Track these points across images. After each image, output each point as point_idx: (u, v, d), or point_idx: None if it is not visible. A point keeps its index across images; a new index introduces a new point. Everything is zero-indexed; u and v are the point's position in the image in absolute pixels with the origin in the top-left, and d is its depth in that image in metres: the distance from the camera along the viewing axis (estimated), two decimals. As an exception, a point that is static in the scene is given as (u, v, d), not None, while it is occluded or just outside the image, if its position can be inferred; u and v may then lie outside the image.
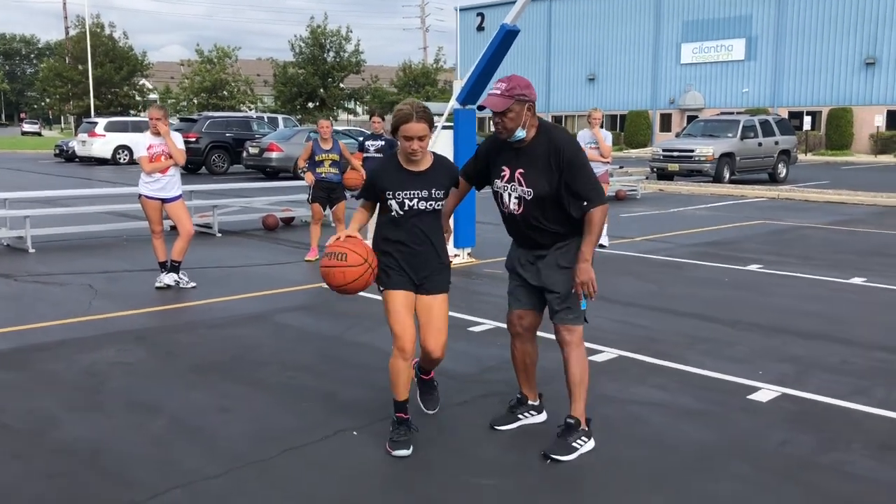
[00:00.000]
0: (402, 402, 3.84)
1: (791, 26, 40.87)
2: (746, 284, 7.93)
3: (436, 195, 3.75)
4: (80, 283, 7.79)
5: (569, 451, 3.79)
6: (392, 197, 3.70)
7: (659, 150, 22.48)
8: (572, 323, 3.85)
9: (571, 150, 3.72)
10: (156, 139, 7.48)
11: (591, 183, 3.73)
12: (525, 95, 3.70)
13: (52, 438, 3.99)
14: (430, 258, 3.79)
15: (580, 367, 3.87)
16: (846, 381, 4.91)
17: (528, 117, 3.73)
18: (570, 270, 3.79)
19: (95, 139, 29.08)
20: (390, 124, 3.71)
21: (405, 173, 3.74)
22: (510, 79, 3.75)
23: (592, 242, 3.73)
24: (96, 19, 55.91)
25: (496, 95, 3.69)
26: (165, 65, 79.58)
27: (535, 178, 3.74)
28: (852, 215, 14.09)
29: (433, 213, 3.78)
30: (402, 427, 3.85)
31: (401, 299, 3.75)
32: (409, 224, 3.73)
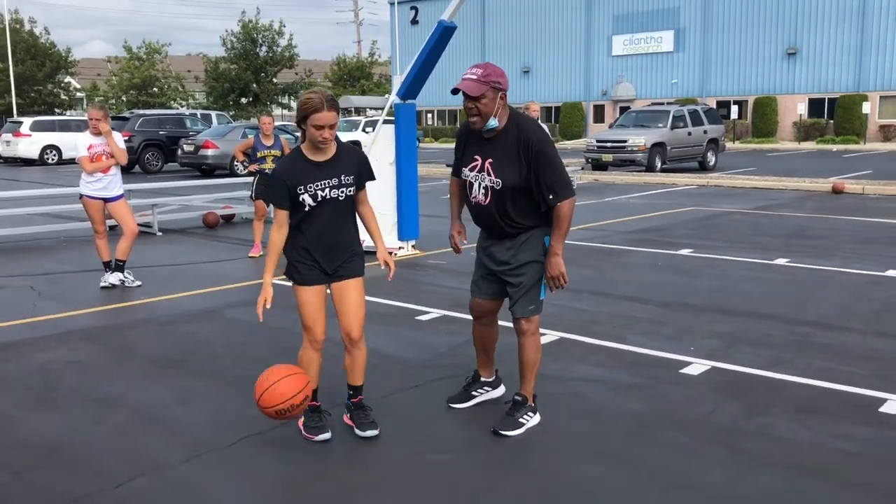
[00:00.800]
0: (314, 390, 3.92)
1: (717, 18, 42.14)
2: (678, 268, 8.32)
3: (345, 181, 3.74)
4: (20, 286, 7.73)
5: (515, 426, 4.02)
6: (304, 191, 3.65)
7: (593, 141, 23.01)
8: (531, 314, 3.98)
9: (540, 141, 3.76)
10: (96, 139, 7.47)
11: (558, 175, 3.77)
12: (499, 83, 3.75)
13: (8, 436, 4.05)
14: (344, 247, 3.82)
15: (534, 352, 4.04)
16: (769, 354, 5.28)
17: (501, 106, 3.77)
18: (532, 264, 3.92)
19: (21, 139, 28.32)
20: (299, 113, 3.64)
21: (312, 165, 3.70)
22: (486, 66, 3.78)
23: (562, 236, 3.80)
24: (15, 15, 54.11)
25: (472, 80, 3.72)
26: (91, 61, 77.33)
27: (503, 168, 3.78)
28: (777, 200, 14.75)
29: (346, 201, 3.77)
30: (315, 414, 3.99)
31: (311, 295, 3.81)
32: (324, 215, 3.72)
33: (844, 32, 38.45)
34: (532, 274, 3.93)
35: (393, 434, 4.03)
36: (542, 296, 4.00)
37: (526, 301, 3.97)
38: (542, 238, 3.90)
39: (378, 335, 5.87)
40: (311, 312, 3.83)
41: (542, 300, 4.03)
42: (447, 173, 19.19)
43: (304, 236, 3.75)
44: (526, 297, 3.96)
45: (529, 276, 3.93)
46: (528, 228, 3.89)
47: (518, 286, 3.96)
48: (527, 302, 3.97)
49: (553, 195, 3.74)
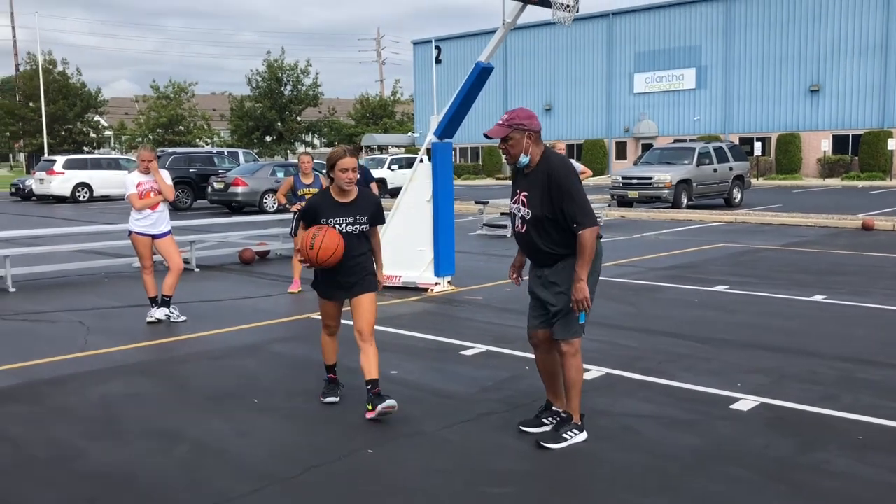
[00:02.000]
0: (331, 365, 5.19)
1: (739, 56, 42.39)
2: (715, 304, 8.36)
3: (360, 220, 4.80)
4: (69, 321, 7.90)
5: (558, 440, 4.30)
6: (326, 222, 4.71)
7: (618, 177, 23.14)
8: (570, 336, 4.28)
9: (561, 174, 4.12)
10: (144, 177, 7.68)
11: (579, 206, 4.10)
12: (524, 125, 4.17)
13: (80, 466, 4.16)
14: (357, 269, 4.83)
15: (574, 373, 4.31)
16: (817, 390, 5.31)
17: (530, 145, 4.20)
18: (563, 289, 4.22)
19: (54, 177, 28.88)
20: (328, 164, 4.76)
21: (336, 204, 4.80)
22: (513, 111, 4.26)
23: (585, 263, 4.09)
24: (48, 56, 55.49)
25: (498, 126, 4.22)
26: (118, 101, 78.98)
27: (534, 199, 4.19)
28: (807, 237, 14.75)
29: (360, 235, 4.81)
30: (330, 384, 5.19)
31: (331, 306, 4.98)
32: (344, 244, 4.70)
33: (867, 69, 38.52)
34: (568, 299, 4.20)
35: (451, 468, 4.10)
36: (581, 320, 4.24)
37: (564, 324, 4.26)
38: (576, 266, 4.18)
39: (424, 370, 5.96)
40: (328, 315, 5.04)
41: (582, 324, 4.27)
42: (474, 210, 19.38)
43: None
44: (564, 321, 4.25)
45: (565, 300, 4.22)
46: (563, 256, 4.21)
47: (555, 310, 4.27)
48: (565, 325, 4.25)
49: (576, 224, 4.09)
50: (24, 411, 5.06)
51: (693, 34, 43.95)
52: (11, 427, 4.76)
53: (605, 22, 47.47)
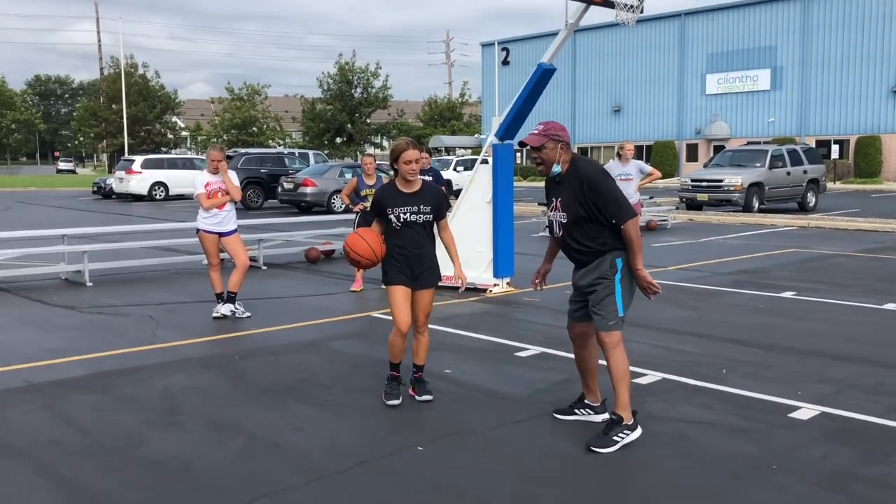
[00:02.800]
0: (397, 364, 5.16)
1: (816, 56, 41.11)
2: (781, 311, 8.14)
3: (423, 210, 4.96)
4: (140, 315, 8.20)
5: (608, 444, 4.27)
6: (391, 212, 4.93)
7: (688, 180, 22.72)
8: (609, 329, 4.36)
9: (592, 177, 4.33)
10: (213, 177, 7.90)
11: (614, 202, 4.30)
12: (558, 136, 4.43)
13: (142, 454, 4.33)
14: (423, 259, 4.98)
15: (620, 364, 4.35)
16: (882, 401, 5.13)
17: (562, 154, 4.43)
18: (602, 280, 4.38)
19: (132, 176, 29.93)
20: (392, 156, 4.95)
21: (400, 194, 4.99)
22: (547, 122, 4.52)
23: (635, 252, 4.31)
24: (130, 60, 57.53)
25: (534, 135, 4.45)
26: (194, 102, 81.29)
27: (568, 204, 4.40)
28: (883, 243, 14.21)
29: (423, 224, 4.99)
30: (394, 382, 5.17)
31: (399, 293, 4.97)
32: (406, 232, 4.94)
33: (955, 69, 36.85)
34: (602, 289, 4.37)
35: (500, 468, 4.12)
36: (620, 312, 4.38)
37: (603, 316, 4.37)
38: (613, 259, 4.36)
39: (478, 370, 5.99)
40: (398, 307, 4.98)
41: (621, 317, 4.39)
42: (538, 211, 19.30)
43: (395, 246, 4.98)
44: (602, 312, 4.37)
45: (600, 291, 4.38)
46: (599, 252, 4.39)
47: (592, 302, 4.42)
48: (604, 317, 4.37)
49: (615, 220, 4.29)
50: (94, 400, 5.28)
51: (768, 34, 42.79)
52: (80, 414, 4.98)
53: (676, 22, 46.65)
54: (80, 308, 8.59)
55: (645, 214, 16.60)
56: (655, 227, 17.18)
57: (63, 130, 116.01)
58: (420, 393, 5.18)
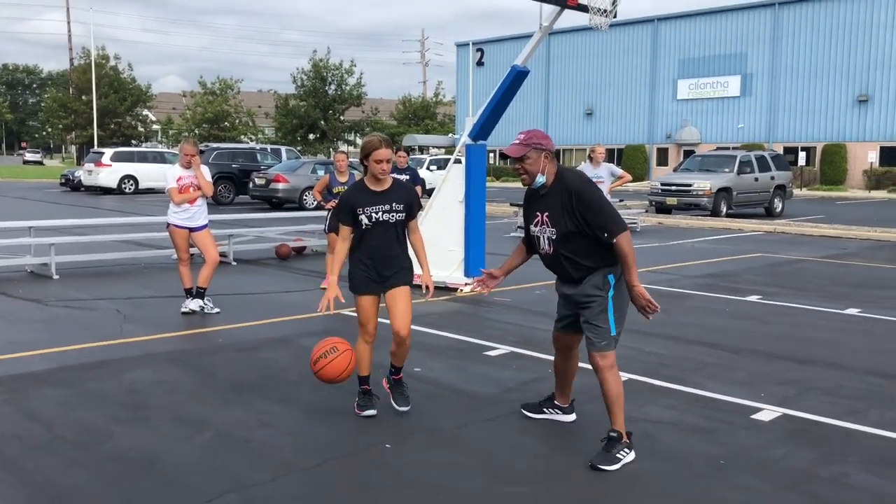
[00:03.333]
0: (366, 377, 4.92)
1: (785, 64, 41.74)
2: (747, 314, 8.28)
3: (395, 208, 4.69)
4: (108, 308, 8.12)
5: (613, 461, 4.12)
6: (362, 212, 4.62)
7: (657, 184, 22.95)
8: (602, 350, 4.19)
9: (580, 188, 4.11)
10: (185, 171, 7.84)
11: (606, 215, 4.09)
12: (541, 145, 4.19)
13: (107, 449, 4.30)
14: (395, 260, 4.73)
15: (614, 386, 4.21)
16: (842, 403, 5.25)
17: (546, 164, 4.20)
18: (594, 297, 4.19)
19: (102, 169, 29.54)
20: (363, 153, 4.66)
21: (371, 193, 4.70)
22: (529, 131, 4.27)
23: (630, 267, 4.08)
24: (102, 51, 56.79)
25: (515, 144, 4.20)
26: (166, 95, 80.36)
27: (557, 219, 4.16)
28: (847, 249, 14.49)
29: (396, 224, 4.71)
30: (366, 396, 4.93)
31: (368, 301, 4.76)
32: (378, 233, 4.66)
33: (919, 80, 37.64)
34: (595, 306, 4.19)
35: (469, 466, 4.15)
36: (612, 331, 4.20)
37: (596, 336, 4.20)
38: (606, 276, 4.17)
39: (448, 368, 6.02)
40: (365, 314, 4.78)
41: (615, 336, 4.22)
42: (510, 212, 19.38)
43: (365, 249, 4.70)
44: (594, 332, 4.21)
45: (592, 308, 4.20)
46: (592, 269, 4.18)
47: (584, 319, 4.24)
48: (597, 337, 4.20)
49: (607, 233, 4.06)
50: (58, 394, 5.23)
51: (739, 41, 43.37)
52: (44, 409, 4.93)
53: (649, 27, 47.09)
54: (45, 301, 8.47)
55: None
56: (625, 229, 17.34)
57: (31, 121, 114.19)
58: (399, 399, 4.92)
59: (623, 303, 4.26)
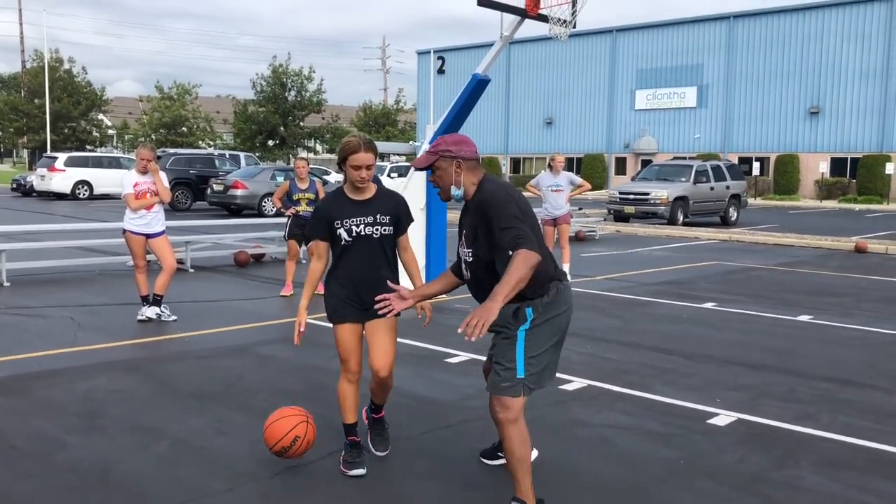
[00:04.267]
0: (352, 425, 4.12)
1: (740, 76, 42.61)
2: (703, 321, 8.42)
3: (381, 220, 3.95)
4: (61, 316, 7.95)
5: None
6: (340, 225, 3.90)
7: (616, 192, 23.23)
8: (505, 394, 3.38)
9: (487, 198, 3.39)
10: (142, 177, 7.73)
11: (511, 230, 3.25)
12: (450, 151, 3.50)
13: (60, 459, 4.21)
14: (378, 283, 3.92)
15: (514, 446, 3.39)
16: (795, 408, 5.37)
17: (461, 174, 3.50)
18: (502, 330, 3.46)
19: (55, 174, 28.94)
20: (340, 155, 3.92)
21: (350, 203, 3.96)
22: (442, 136, 3.63)
23: (506, 284, 3.10)
24: (55, 54, 55.72)
25: (423, 153, 3.63)
26: (122, 100, 79.17)
27: (474, 238, 3.47)
28: (799, 257, 14.82)
29: (381, 240, 3.95)
30: (354, 450, 4.12)
31: (347, 331, 4.00)
32: (359, 250, 3.93)
33: (868, 91, 38.71)
34: (501, 339, 3.46)
35: (428, 472, 4.15)
36: (519, 373, 3.38)
37: (498, 376, 3.42)
38: (525, 308, 3.41)
39: (409, 376, 6.02)
40: (346, 347, 4.02)
41: (522, 380, 3.38)
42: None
43: (343, 269, 3.98)
44: (498, 371, 3.42)
45: (499, 344, 3.47)
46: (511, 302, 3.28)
47: (492, 355, 3.53)
48: (499, 377, 3.41)
49: (506, 244, 3.25)
50: (9, 404, 5.11)
51: (695, 53, 44.18)
52: (-5, 418, 4.81)
53: (608, 38, 47.72)
54: (-5, 309, 8.28)
55: (574, 225, 16.90)
56: (584, 237, 17.52)
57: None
58: (376, 442, 4.27)
59: (540, 344, 3.43)
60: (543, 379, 3.51)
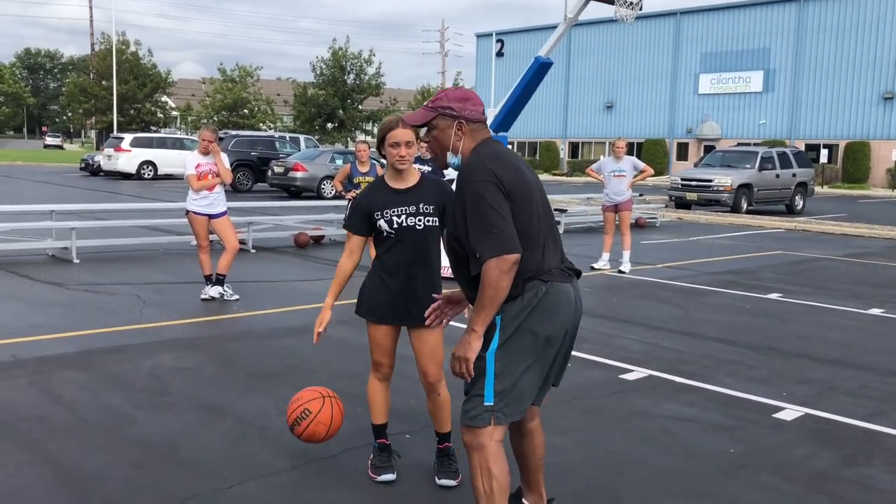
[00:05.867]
0: (381, 426, 3.89)
1: (809, 60, 41.31)
2: (767, 312, 8.21)
3: (424, 210, 3.61)
4: (127, 293, 8.16)
5: None
6: (381, 216, 3.59)
7: (677, 179, 22.80)
8: (470, 421, 2.83)
9: (462, 180, 2.79)
10: (204, 158, 7.85)
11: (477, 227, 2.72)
12: (452, 109, 2.91)
13: (129, 433, 4.32)
14: (423, 286, 3.64)
15: (479, 480, 2.82)
16: (866, 404, 5.19)
17: (461, 138, 2.91)
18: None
19: (121, 154, 29.68)
20: (379, 137, 3.67)
21: (391, 192, 3.65)
22: (443, 90, 3.08)
23: (483, 307, 2.70)
24: (122, 37, 57.03)
25: (421, 108, 3.02)
26: (184, 82, 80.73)
27: (452, 220, 2.92)
28: (869, 248, 14.34)
29: (426, 232, 3.62)
30: (383, 453, 3.86)
31: (383, 333, 3.73)
32: (403, 245, 3.62)
33: (945, 78, 37.15)
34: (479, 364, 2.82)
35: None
36: (487, 400, 2.80)
37: (465, 402, 2.89)
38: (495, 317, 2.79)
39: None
40: (381, 348, 3.78)
41: (488, 407, 2.80)
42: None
43: (384, 264, 3.69)
44: (468, 396, 2.89)
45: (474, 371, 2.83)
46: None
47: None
48: (467, 403, 2.88)
49: (478, 251, 2.72)
50: (80, 377, 5.26)
51: (762, 36, 42.96)
52: (67, 392, 4.96)
53: (671, 21, 46.74)
54: (67, 285, 8.53)
55: (634, 212, 16.65)
56: (645, 224, 17.25)
57: (51, 105, 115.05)
58: (441, 473, 3.80)
59: (515, 362, 2.80)
60: (523, 404, 2.87)
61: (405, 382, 5.22)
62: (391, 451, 3.92)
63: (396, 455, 3.97)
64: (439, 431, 3.88)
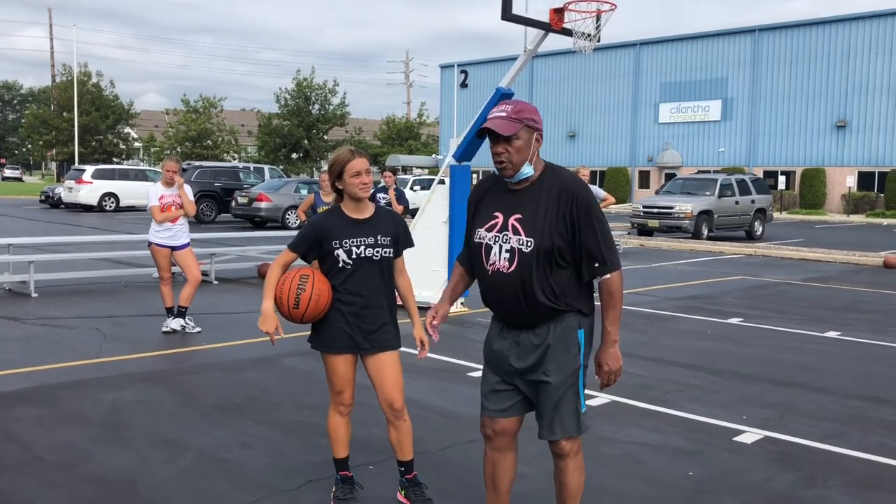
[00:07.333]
0: (343, 459, 3.86)
1: (765, 89, 42.34)
2: (728, 336, 8.32)
3: (382, 241, 3.66)
4: (87, 327, 8.03)
5: None
6: (339, 245, 3.60)
7: (639, 206, 23.12)
8: (574, 432, 3.11)
9: (586, 196, 3.01)
10: (167, 190, 7.80)
11: (608, 241, 3.03)
12: (534, 121, 3.06)
13: (87, 470, 4.23)
14: (378, 312, 3.69)
15: (578, 477, 3.21)
16: (824, 426, 5.28)
17: (537, 151, 3.09)
18: (565, 365, 3.07)
19: (82, 186, 29.35)
20: (333, 172, 3.64)
21: (350, 221, 3.66)
22: (517, 102, 3.11)
23: (617, 319, 3.05)
24: (84, 68, 56.57)
25: (502, 118, 3.02)
26: (147, 113, 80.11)
27: (536, 225, 2.99)
28: (827, 272, 14.63)
29: (381, 263, 3.67)
30: (345, 485, 3.83)
31: (343, 364, 3.71)
32: (359, 274, 3.64)
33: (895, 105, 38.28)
34: (565, 378, 3.05)
35: (451, 488, 4.13)
36: (583, 407, 3.13)
37: (565, 416, 3.08)
38: (577, 331, 3.08)
39: (431, 390, 6.00)
40: (342, 379, 3.74)
41: (585, 413, 3.15)
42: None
43: (340, 294, 3.65)
44: (564, 412, 3.07)
45: (563, 381, 3.05)
46: (558, 313, 3.04)
47: (549, 397, 3.06)
48: (567, 417, 3.08)
49: (601, 264, 2.99)
50: (36, 414, 5.15)
51: (720, 66, 43.99)
52: (22, 429, 4.85)
53: (631, 52, 47.66)
54: (24, 319, 8.37)
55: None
56: (608, 251, 17.45)
57: (10, 137, 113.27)
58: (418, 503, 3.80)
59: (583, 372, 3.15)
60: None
61: (368, 413, 5.19)
62: (354, 483, 3.89)
63: (359, 487, 3.92)
64: (402, 459, 3.84)
